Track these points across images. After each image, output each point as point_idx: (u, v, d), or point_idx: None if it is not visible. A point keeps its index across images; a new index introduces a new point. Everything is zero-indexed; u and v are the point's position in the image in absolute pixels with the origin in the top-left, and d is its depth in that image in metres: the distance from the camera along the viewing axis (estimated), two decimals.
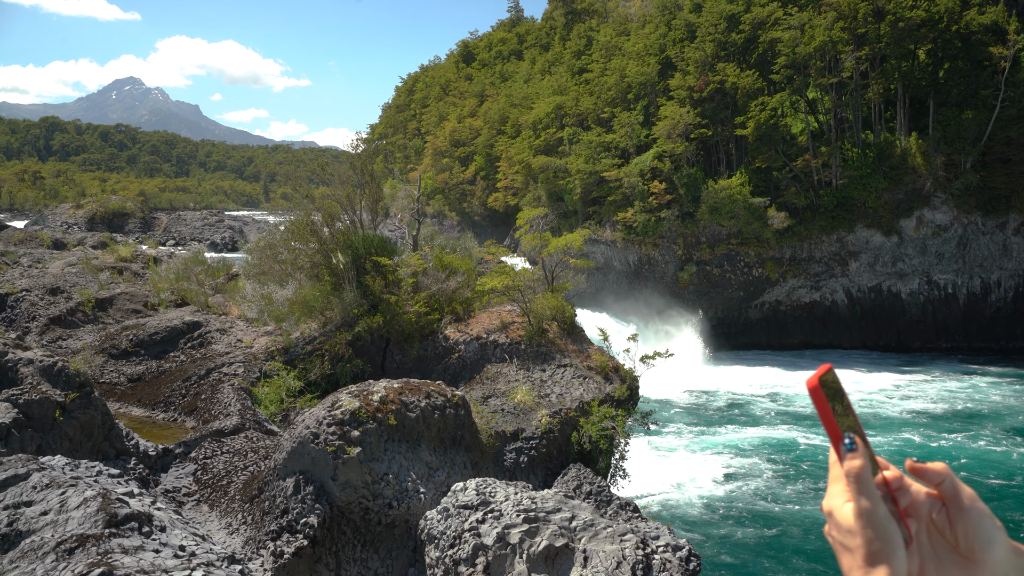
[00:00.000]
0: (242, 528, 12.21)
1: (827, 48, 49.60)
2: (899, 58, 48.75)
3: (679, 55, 58.94)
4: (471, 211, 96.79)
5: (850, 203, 49.59)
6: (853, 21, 49.54)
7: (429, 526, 10.99)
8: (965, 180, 47.09)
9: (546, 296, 21.68)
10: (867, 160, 49.56)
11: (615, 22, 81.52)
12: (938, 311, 50.34)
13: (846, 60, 49.72)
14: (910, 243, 49.14)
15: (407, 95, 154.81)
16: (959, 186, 47.33)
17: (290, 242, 23.39)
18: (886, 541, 1.29)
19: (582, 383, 18.88)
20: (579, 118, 69.61)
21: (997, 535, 1.36)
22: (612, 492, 15.56)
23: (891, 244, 49.47)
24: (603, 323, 33.53)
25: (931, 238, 48.72)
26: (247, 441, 15.12)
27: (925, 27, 47.30)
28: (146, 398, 19.28)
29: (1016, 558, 1.38)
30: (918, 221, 48.61)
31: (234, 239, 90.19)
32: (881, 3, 48.61)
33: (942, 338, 50.42)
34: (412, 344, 21.02)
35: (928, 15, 47.01)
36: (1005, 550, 1.37)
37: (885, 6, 48.40)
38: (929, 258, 49.27)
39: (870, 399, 38.50)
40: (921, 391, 40.20)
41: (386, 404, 13.34)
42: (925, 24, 47.22)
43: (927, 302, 50.39)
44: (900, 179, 48.57)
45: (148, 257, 34.74)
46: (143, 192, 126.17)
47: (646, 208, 53.41)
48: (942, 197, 47.88)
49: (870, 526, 1.29)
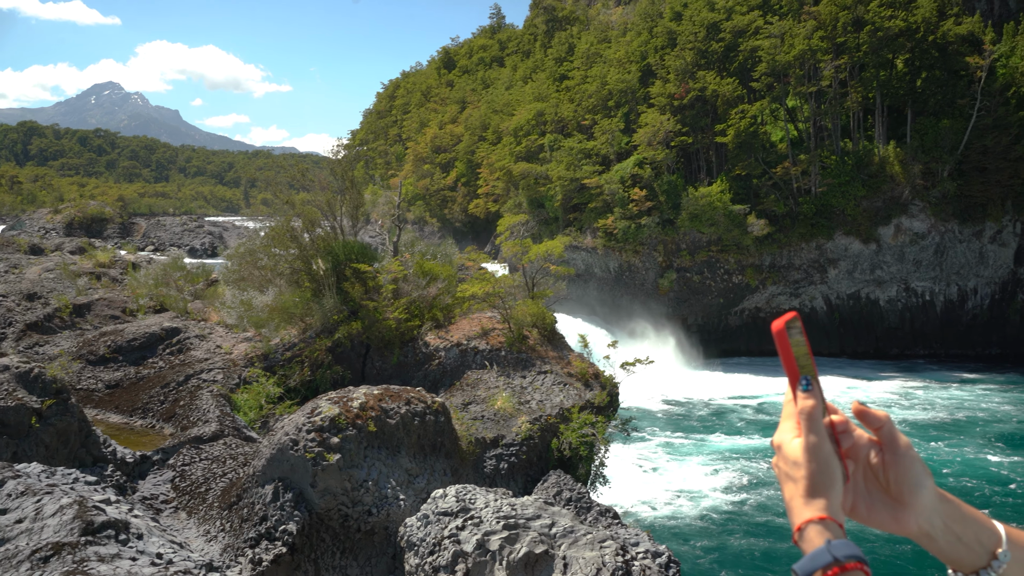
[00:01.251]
0: (220, 535, 12.13)
1: (807, 57, 49.95)
2: (877, 67, 49.17)
3: (660, 63, 59.20)
4: (452, 217, 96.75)
5: (829, 211, 49.91)
6: (832, 30, 49.96)
7: (409, 533, 10.95)
8: (942, 188, 47.52)
9: (526, 303, 21.68)
10: (846, 168, 49.91)
11: (596, 30, 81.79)
12: (916, 318, 50.73)
13: (825, 69, 50.11)
14: (888, 251, 49.51)
15: (388, 101, 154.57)
16: (936, 194, 47.74)
17: (270, 248, 23.27)
18: (828, 475, 1.41)
19: (562, 390, 18.89)
20: (560, 125, 69.72)
21: (925, 481, 1.50)
22: (592, 498, 15.56)
23: (869, 252, 49.83)
24: (583, 330, 33.52)
25: (909, 246, 49.11)
26: (226, 448, 15.03)
27: (903, 37, 47.75)
28: (124, 405, 19.13)
29: (941, 504, 1.51)
30: (896, 229, 48.98)
31: (214, 245, 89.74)
32: (860, 13, 49.05)
33: (920, 345, 50.81)
34: (392, 351, 20.97)
35: (906, 25, 47.47)
36: (931, 495, 1.50)
37: (864, 16, 48.84)
38: (907, 266, 49.66)
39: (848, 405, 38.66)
40: (900, 398, 40.48)
41: (366, 411, 13.29)
42: (903, 34, 47.67)
43: (905, 309, 50.78)
44: (878, 187, 48.95)
45: (127, 263, 34.49)
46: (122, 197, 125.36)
47: (626, 215, 53.53)
48: (920, 205, 48.29)
49: (815, 460, 1.42)
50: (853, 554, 1.34)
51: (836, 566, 1.32)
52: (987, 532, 1.52)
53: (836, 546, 1.34)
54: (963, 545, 1.51)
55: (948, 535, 1.51)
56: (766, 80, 52.53)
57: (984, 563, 1.50)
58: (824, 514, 1.39)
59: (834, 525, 1.38)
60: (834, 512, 1.40)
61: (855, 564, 1.33)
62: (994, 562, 1.49)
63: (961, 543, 1.51)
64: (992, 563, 1.49)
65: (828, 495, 1.41)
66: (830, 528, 1.38)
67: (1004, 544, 1.50)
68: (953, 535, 1.51)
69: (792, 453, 1.46)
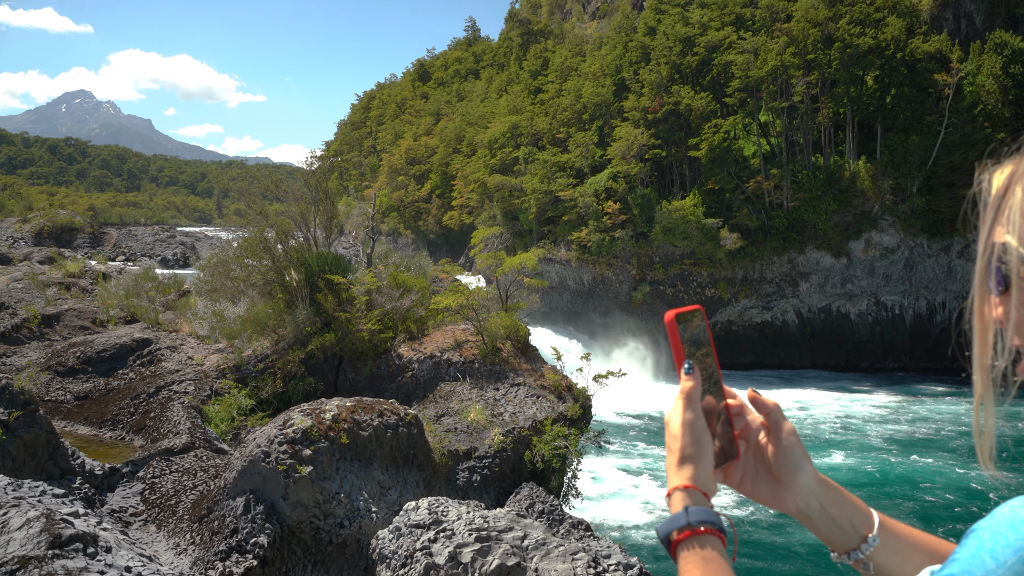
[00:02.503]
0: (190, 548, 12.02)
1: (779, 72, 50.49)
2: (848, 83, 49.77)
3: (634, 77, 59.59)
4: (426, 229, 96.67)
5: (801, 225, 50.38)
6: (804, 47, 50.54)
7: (381, 545, 10.91)
8: (911, 203, 48.11)
9: (500, 315, 21.68)
10: (817, 183, 50.44)
11: (571, 43, 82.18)
12: (886, 331, 51.25)
13: (797, 84, 50.68)
14: (859, 265, 50.04)
15: (363, 112, 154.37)
16: (905, 209, 48.32)
17: (243, 259, 23.11)
18: (698, 448, 1.55)
19: (535, 402, 18.90)
20: (534, 138, 69.93)
21: (804, 464, 1.64)
22: (564, 511, 15.56)
23: (840, 265, 50.33)
24: (557, 342, 33.60)
25: (879, 260, 49.66)
26: (197, 460, 14.90)
27: (872, 54, 48.39)
28: (93, 416, 18.92)
29: (819, 487, 1.65)
30: (866, 243, 49.53)
31: (186, 255, 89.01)
32: (830, 30, 49.67)
33: (889, 358, 51.32)
34: (365, 362, 20.89)
35: (875, 42, 48.12)
36: (809, 478, 1.64)
37: (834, 33, 49.46)
38: (877, 279, 50.20)
39: (819, 418, 38.99)
40: (870, 411, 40.81)
41: (338, 423, 13.24)
42: (872, 51, 48.31)
43: (875, 323, 51.29)
44: (849, 202, 49.49)
45: (97, 273, 34.16)
46: (93, 207, 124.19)
47: (600, 228, 53.75)
48: (889, 220, 48.86)
49: (689, 434, 1.56)
50: (707, 520, 1.48)
51: (688, 529, 1.46)
52: (862, 517, 1.64)
53: (693, 512, 1.48)
54: (837, 527, 1.64)
55: (824, 516, 1.65)
56: (739, 95, 53.04)
57: (855, 545, 1.63)
58: (689, 483, 1.53)
59: (697, 494, 1.52)
60: (700, 482, 1.53)
61: (708, 529, 1.46)
62: (863, 545, 1.62)
63: (836, 525, 1.64)
64: (861, 546, 1.62)
65: (697, 466, 1.54)
66: (692, 495, 1.51)
67: (875, 530, 1.63)
68: (828, 516, 1.64)
69: (673, 427, 1.59)
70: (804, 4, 51.21)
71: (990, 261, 1.30)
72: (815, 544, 22.80)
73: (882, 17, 49.37)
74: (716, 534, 1.48)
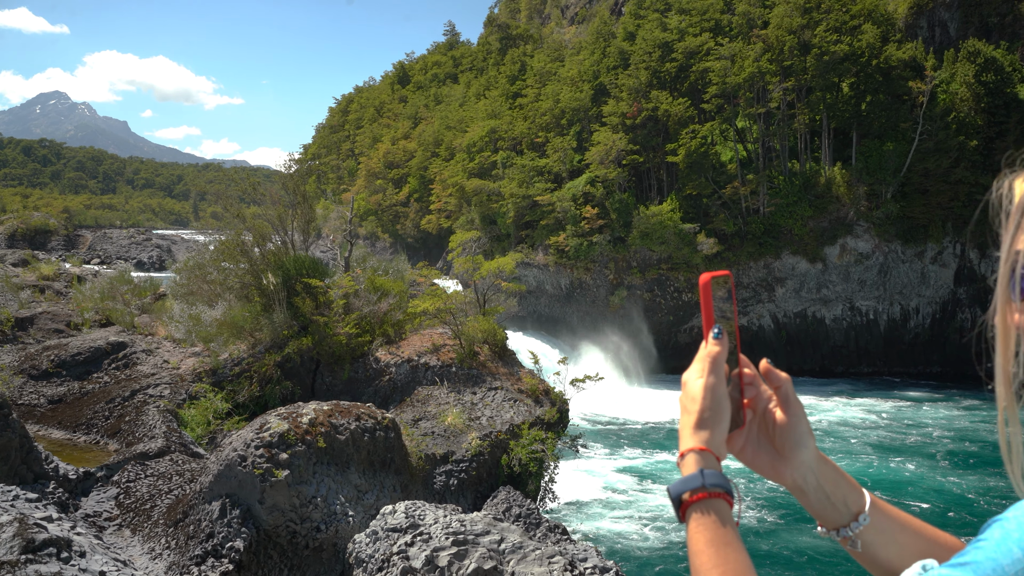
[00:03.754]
0: (165, 553, 11.97)
1: (756, 79, 50.85)
2: (824, 90, 50.20)
3: (613, 82, 59.78)
4: (404, 233, 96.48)
5: (777, 230, 50.72)
6: (780, 53, 50.92)
7: (357, 549, 10.91)
8: (886, 210, 48.56)
9: (478, 319, 21.72)
10: (793, 188, 50.81)
11: (550, 48, 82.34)
12: (860, 336, 51.68)
13: (774, 91, 51.05)
14: (834, 270, 50.45)
15: (341, 116, 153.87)
16: (880, 215, 48.77)
17: (220, 262, 23.01)
18: (716, 412, 1.57)
19: (512, 406, 18.94)
20: (513, 142, 69.99)
21: (807, 441, 1.68)
22: (541, 514, 15.61)
23: (816, 271, 50.71)
24: (534, 346, 33.66)
25: (854, 265, 50.09)
26: (172, 464, 14.83)
27: (848, 61, 48.82)
28: (67, 420, 18.77)
29: (818, 464, 1.70)
30: (841, 249, 49.95)
31: (162, 258, 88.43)
32: (807, 37, 50.09)
33: (864, 363, 51.75)
34: (342, 366, 20.86)
35: (851, 50, 48.55)
36: (810, 454, 1.68)
37: (810, 40, 49.88)
38: (852, 285, 50.62)
39: None
40: (845, 415, 41.13)
41: (315, 426, 13.22)
42: (848, 58, 48.73)
43: (850, 328, 51.71)
44: (825, 207, 49.89)
45: (72, 275, 33.89)
46: (67, 209, 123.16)
47: (578, 232, 53.88)
48: (864, 226, 49.30)
49: (709, 398, 1.57)
50: (720, 484, 1.50)
51: (703, 491, 1.48)
52: (855, 496, 1.71)
53: (708, 475, 1.51)
54: (830, 504, 1.69)
55: (819, 493, 1.69)
56: (716, 101, 53.37)
57: (845, 522, 1.69)
58: (705, 446, 1.55)
59: (711, 457, 1.54)
60: (715, 446, 1.56)
61: (719, 493, 1.49)
62: (853, 523, 1.68)
63: (829, 502, 1.69)
64: (852, 524, 1.68)
65: (713, 431, 1.56)
66: (706, 459, 1.53)
67: (866, 509, 1.69)
68: (823, 493, 1.69)
69: (693, 390, 1.60)
70: (780, 11, 51.60)
71: (1014, 268, 1.30)
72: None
73: (858, 25, 49.84)
74: (727, 499, 1.51)
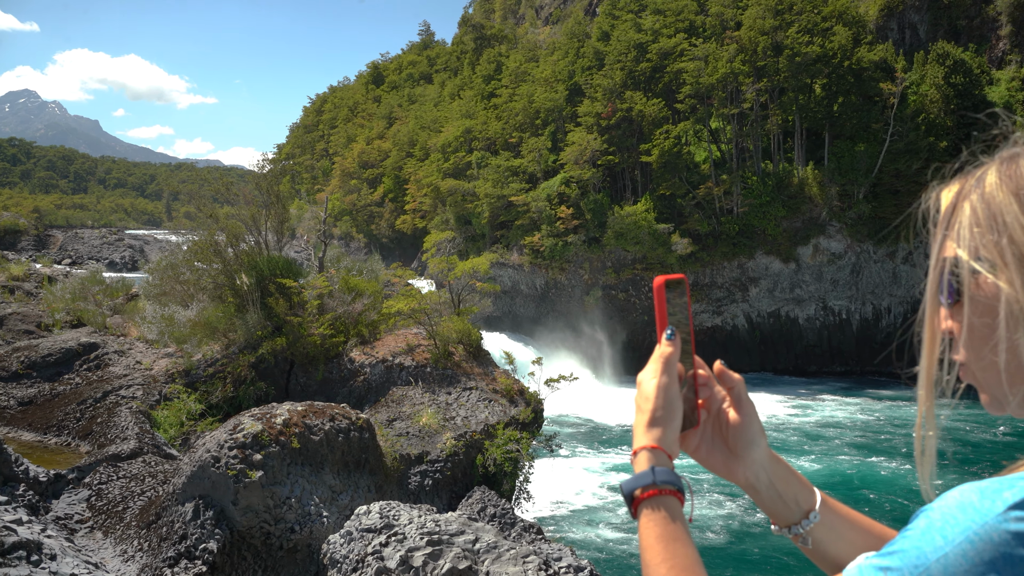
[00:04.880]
0: (138, 555, 11.86)
1: (729, 80, 51.14)
2: (796, 91, 50.56)
3: (587, 82, 59.89)
4: (379, 233, 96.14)
5: (750, 230, 51.02)
6: (753, 54, 51.25)
7: (332, 550, 10.85)
8: (858, 210, 48.98)
9: (452, 319, 21.69)
10: (766, 189, 51.13)
11: (524, 48, 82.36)
12: (833, 336, 52.09)
13: (747, 92, 51.36)
14: (807, 270, 50.82)
15: (315, 115, 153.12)
16: (852, 216, 49.18)
17: (193, 262, 22.86)
18: (668, 412, 1.61)
19: (487, 406, 18.93)
20: (488, 142, 69.95)
21: (759, 440, 1.72)
22: (516, 514, 15.61)
23: (789, 271, 51.06)
24: (509, 346, 33.66)
25: (826, 265, 50.48)
26: (145, 465, 14.70)
27: (820, 62, 49.20)
28: (38, 422, 18.56)
29: (770, 463, 1.73)
30: (814, 249, 50.33)
31: (134, 258, 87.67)
32: (779, 38, 50.44)
33: (837, 362, 52.16)
34: (317, 367, 20.77)
35: (823, 51, 48.93)
36: (762, 453, 1.72)
37: (783, 41, 50.23)
38: (825, 285, 51.01)
39: (768, 421, 39.46)
40: (818, 414, 41.43)
41: (289, 427, 13.16)
42: (820, 59, 49.11)
43: (823, 327, 52.11)
44: (798, 208, 50.24)
45: (42, 276, 33.52)
46: (38, 208, 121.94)
47: (553, 233, 53.96)
48: (837, 226, 49.70)
49: (661, 398, 1.61)
50: (670, 481, 1.55)
51: (653, 488, 1.54)
52: (805, 494, 1.75)
53: (659, 472, 1.56)
54: (782, 502, 1.73)
55: (771, 491, 1.73)
56: (690, 102, 53.63)
57: (796, 520, 1.73)
58: (656, 444, 1.60)
59: (663, 455, 1.60)
60: (667, 445, 1.60)
61: (669, 490, 1.54)
62: (804, 520, 1.72)
63: (781, 500, 1.73)
64: (802, 521, 1.72)
65: (665, 429, 1.61)
66: (658, 456, 1.59)
67: (817, 507, 1.73)
68: (775, 491, 1.73)
69: (646, 389, 1.64)
70: (753, 13, 51.92)
71: (942, 274, 1.37)
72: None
73: (829, 26, 50.24)
74: (677, 495, 1.55)
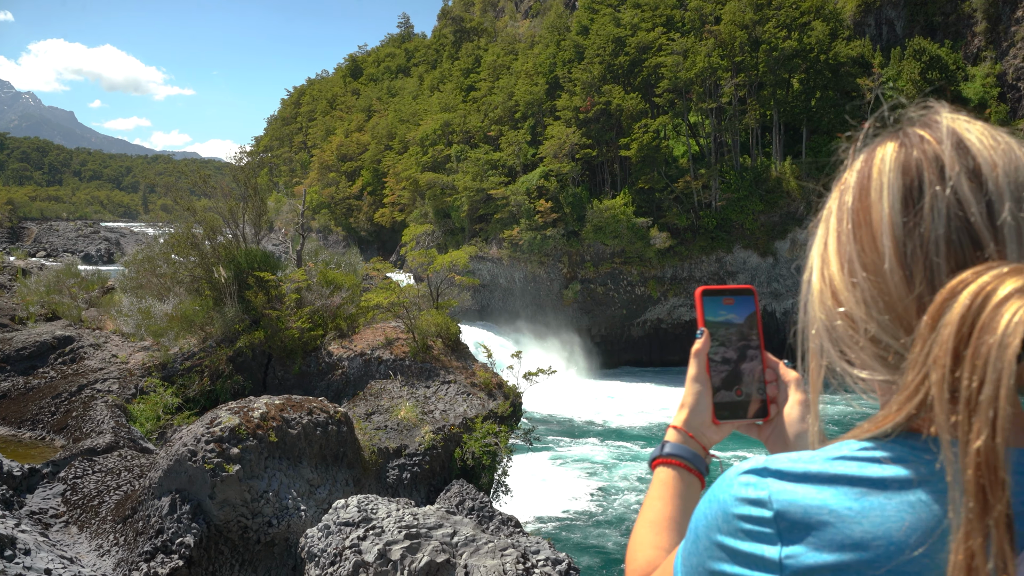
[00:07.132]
0: (114, 550, 11.80)
1: (707, 74, 51.28)
2: (774, 86, 50.80)
3: (567, 76, 59.89)
4: (357, 226, 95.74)
5: (729, 224, 51.22)
6: (731, 49, 51.41)
7: (309, 544, 10.84)
8: None
9: (431, 313, 21.67)
10: (745, 183, 51.35)
11: (504, 42, 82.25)
12: None
13: (725, 86, 51.55)
14: (784, 264, 51.07)
15: (294, 108, 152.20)
16: None
17: (170, 255, 22.73)
18: (696, 398, 1.71)
19: (466, 399, 18.94)
20: (467, 136, 69.85)
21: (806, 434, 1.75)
22: (494, 507, 15.64)
23: (767, 265, 51.32)
24: (488, 340, 33.66)
25: (804, 260, 50.70)
26: (121, 460, 14.61)
27: (798, 57, 49.45)
28: (11, 416, 18.41)
29: None
30: (792, 243, 50.59)
31: (110, 251, 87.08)
32: (757, 33, 50.62)
33: None
34: (295, 360, 20.70)
35: (800, 46, 49.18)
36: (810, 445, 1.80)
37: (761, 36, 50.41)
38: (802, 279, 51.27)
39: None
40: None
41: (267, 421, 13.12)
42: (798, 54, 49.36)
43: None
44: (775, 202, 50.49)
45: (16, 268, 33.20)
46: (11, 201, 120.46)
47: (532, 226, 53.96)
48: (814, 220, 49.93)
49: (688, 386, 1.73)
50: (675, 453, 1.68)
51: (659, 458, 1.68)
52: None
53: (668, 445, 1.70)
54: None
55: None
56: (669, 96, 53.70)
57: None
58: (679, 424, 1.72)
59: (683, 434, 1.71)
60: (690, 426, 1.71)
61: (675, 461, 1.67)
62: None
63: None
64: None
65: (689, 413, 1.71)
66: (679, 435, 1.70)
67: None
68: None
69: (686, 379, 1.76)
70: (732, 7, 52.08)
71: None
72: None
73: (807, 21, 50.51)
74: (683, 466, 1.66)
